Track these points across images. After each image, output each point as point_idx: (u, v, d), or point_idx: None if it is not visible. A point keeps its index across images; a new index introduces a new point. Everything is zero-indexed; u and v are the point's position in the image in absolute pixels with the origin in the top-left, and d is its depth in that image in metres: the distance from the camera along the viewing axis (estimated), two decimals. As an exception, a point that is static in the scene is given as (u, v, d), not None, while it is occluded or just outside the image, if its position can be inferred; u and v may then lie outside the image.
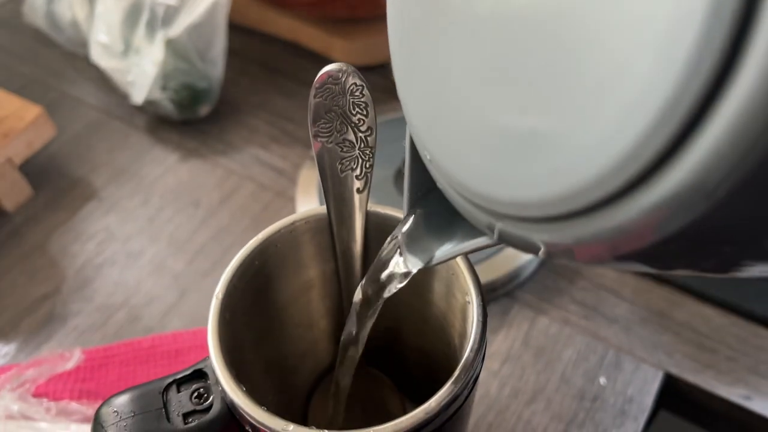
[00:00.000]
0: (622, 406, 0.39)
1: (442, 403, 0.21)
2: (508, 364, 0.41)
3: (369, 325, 0.26)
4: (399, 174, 0.47)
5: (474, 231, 0.19)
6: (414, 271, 0.22)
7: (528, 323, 0.43)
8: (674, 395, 0.41)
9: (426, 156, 0.19)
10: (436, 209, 0.22)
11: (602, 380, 0.40)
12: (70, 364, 0.37)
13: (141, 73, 0.51)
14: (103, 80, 0.57)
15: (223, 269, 0.48)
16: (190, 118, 0.54)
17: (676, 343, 0.42)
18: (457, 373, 0.22)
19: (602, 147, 0.12)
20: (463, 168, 0.17)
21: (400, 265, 0.22)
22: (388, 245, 0.23)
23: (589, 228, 0.13)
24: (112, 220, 0.50)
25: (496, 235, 0.17)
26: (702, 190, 0.11)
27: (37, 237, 0.49)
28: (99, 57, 0.53)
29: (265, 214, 0.50)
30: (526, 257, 0.43)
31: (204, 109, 0.54)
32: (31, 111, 0.49)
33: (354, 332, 0.26)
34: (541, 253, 0.15)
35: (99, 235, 0.49)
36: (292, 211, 0.49)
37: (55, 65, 0.61)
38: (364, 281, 0.24)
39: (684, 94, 0.10)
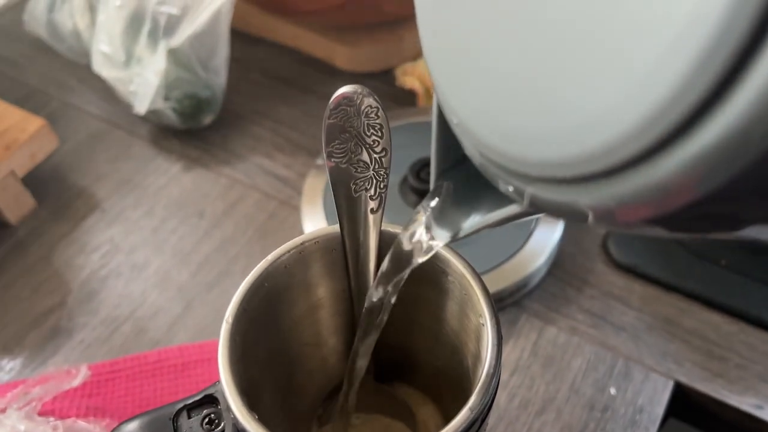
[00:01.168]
0: (633, 416, 0.39)
1: (460, 430, 0.21)
2: (518, 374, 0.41)
3: (381, 324, 0.25)
4: (404, 182, 0.46)
5: (503, 201, 0.18)
6: (440, 245, 0.22)
7: (536, 333, 0.43)
8: (685, 404, 0.41)
9: (453, 120, 0.18)
10: (463, 182, 0.21)
11: (612, 390, 0.40)
12: (76, 381, 0.37)
13: (143, 83, 0.51)
14: (105, 90, 0.57)
15: (228, 280, 0.48)
16: (193, 127, 0.54)
17: (686, 352, 0.42)
18: (473, 399, 0.21)
19: (642, 93, 0.11)
20: (492, 129, 0.16)
21: (425, 239, 0.22)
22: (409, 221, 0.23)
23: (629, 185, 0.12)
24: (116, 232, 0.50)
25: (526, 201, 0.16)
26: (747, 140, 0.10)
27: (41, 249, 0.49)
28: (101, 66, 0.52)
29: (270, 224, 0.50)
30: (533, 266, 0.43)
31: (207, 118, 0.54)
32: (34, 123, 0.49)
33: (365, 335, 0.25)
34: (587, 217, 0.14)
35: (103, 246, 0.49)
36: (298, 220, 0.48)
37: (57, 75, 0.60)
38: (383, 265, 0.24)
39: (728, 32, 0.10)
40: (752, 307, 0.43)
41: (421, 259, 0.23)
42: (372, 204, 0.25)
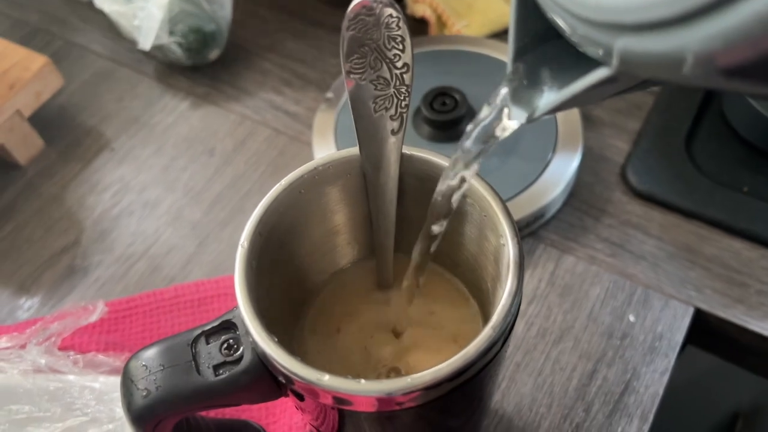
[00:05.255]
0: (652, 343, 0.39)
1: (481, 349, 0.20)
2: (535, 304, 0.41)
3: (453, 208, 0.24)
4: (417, 113, 0.45)
5: (582, 75, 0.17)
6: (517, 124, 0.21)
7: (554, 263, 0.42)
8: (705, 331, 0.41)
9: None
10: (539, 63, 0.20)
11: (631, 317, 0.40)
12: (94, 317, 0.37)
13: (147, 17, 0.49)
14: (109, 27, 0.56)
15: (241, 217, 0.48)
16: (200, 63, 0.53)
17: (706, 279, 0.41)
18: (495, 318, 0.21)
19: None
20: None
21: (505, 119, 0.21)
22: (488, 104, 0.22)
23: (738, 18, 0.12)
24: (127, 170, 0.49)
25: (616, 60, 0.15)
26: None
27: (52, 189, 0.48)
28: (102, 1, 0.51)
29: (281, 160, 0.49)
30: (550, 196, 0.42)
31: (213, 53, 0.53)
32: (37, 61, 0.48)
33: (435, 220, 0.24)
34: (681, 68, 0.13)
35: (114, 185, 0.48)
36: (309, 156, 0.48)
37: (59, 13, 0.59)
38: (463, 142, 0.22)
39: None
40: (774, 233, 0.42)
41: (502, 136, 0.21)
42: (392, 125, 0.24)
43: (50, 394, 0.35)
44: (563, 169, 0.43)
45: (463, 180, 0.23)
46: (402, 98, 0.24)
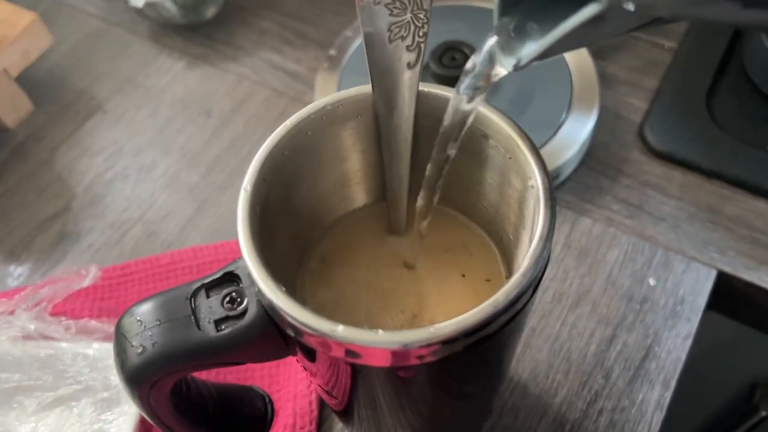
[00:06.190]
0: (674, 307, 0.37)
1: (510, 297, 0.19)
2: (550, 267, 0.39)
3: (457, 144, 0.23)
4: (426, 69, 0.43)
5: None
6: (504, 72, 0.20)
7: (569, 225, 0.40)
8: (728, 295, 0.39)
9: None
10: (527, 16, 0.20)
11: (651, 281, 0.38)
12: (86, 282, 0.35)
13: (139, -28, 0.47)
14: (98, -16, 0.53)
15: (241, 180, 0.46)
16: (196, 21, 0.50)
17: (729, 240, 0.39)
18: (525, 264, 0.19)
19: None
20: None
21: (495, 67, 0.20)
22: (477, 52, 0.21)
23: None
24: (120, 133, 0.47)
25: None
26: None
27: (42, 154, 0.46)
28: (92, -44, 0.48)
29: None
30: (564, 157, 0.40)
31: (210, 11, 0.50)
32: (24, 17, 0.46)
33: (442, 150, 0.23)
34: None
35: (107, 149, 0.46)
36: (311, 116, 0.45)
37: (46, -29, 0.56)
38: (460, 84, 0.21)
39: None
40: (800, 193, 0.40)
41: (493, 80, 0.21)
42: (409, 57, 0.22)
43: (41, 361, 0.33)
44: (578, 128, 0.41)
45: (465, 118, 0.22)
46: (420, 25, 0.21)
